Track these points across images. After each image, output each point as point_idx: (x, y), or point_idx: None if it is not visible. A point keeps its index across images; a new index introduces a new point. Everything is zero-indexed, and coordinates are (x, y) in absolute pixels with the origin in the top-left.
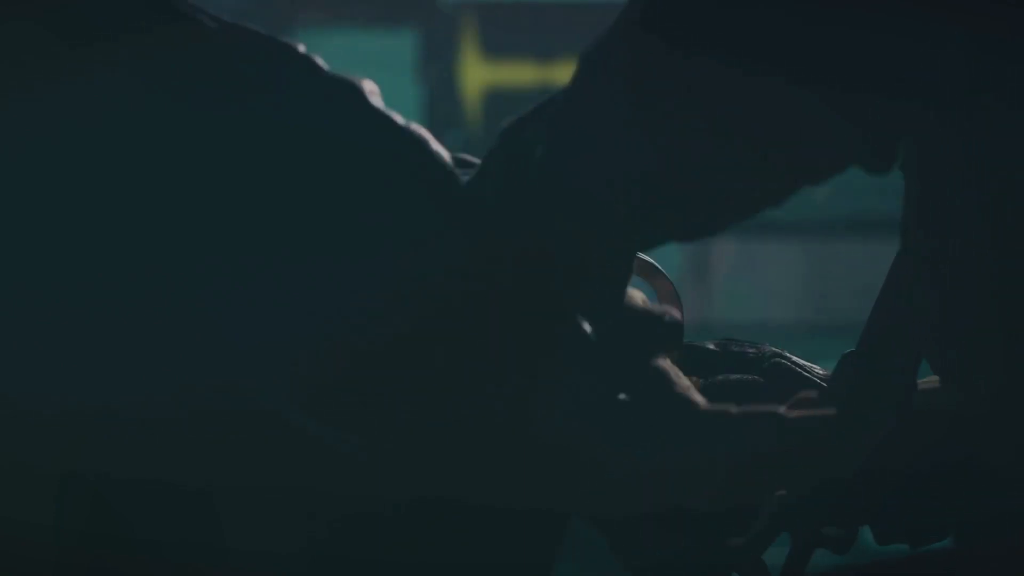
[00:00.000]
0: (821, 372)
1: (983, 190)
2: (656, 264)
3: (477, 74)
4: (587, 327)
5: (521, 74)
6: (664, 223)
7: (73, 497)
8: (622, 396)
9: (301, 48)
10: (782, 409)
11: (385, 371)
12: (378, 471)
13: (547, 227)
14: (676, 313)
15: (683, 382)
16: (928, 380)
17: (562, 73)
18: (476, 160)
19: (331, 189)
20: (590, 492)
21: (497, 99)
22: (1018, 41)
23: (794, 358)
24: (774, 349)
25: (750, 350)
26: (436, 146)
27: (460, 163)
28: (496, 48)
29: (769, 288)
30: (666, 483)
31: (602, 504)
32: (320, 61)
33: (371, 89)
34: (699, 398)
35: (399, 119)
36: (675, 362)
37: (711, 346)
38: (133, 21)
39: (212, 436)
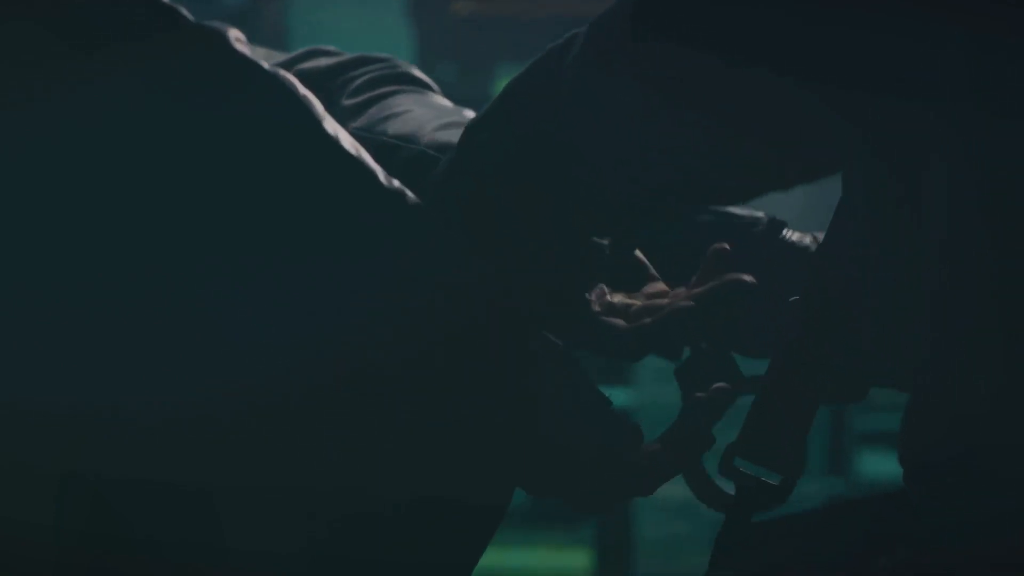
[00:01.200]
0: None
1: (983, 190)
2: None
3: (468, 7)
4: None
5: (512, 7)
6: (664, 203)
7: (73, 497)
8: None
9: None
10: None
11: (374, 372)
12: (376, 470)
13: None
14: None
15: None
16: None
17: (552, 6)
18: (380, 56)
19: (193, 141)
20: (590, 489)
21: (488, 32)
22: (1018, 41)
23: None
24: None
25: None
26: (304, 91)
27: (364, 61)
28: None
29: (769, 211)
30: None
31: (603, 497)
32: (183, 11)
33: (236, 36)
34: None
35: (265, 66)
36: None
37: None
38: None
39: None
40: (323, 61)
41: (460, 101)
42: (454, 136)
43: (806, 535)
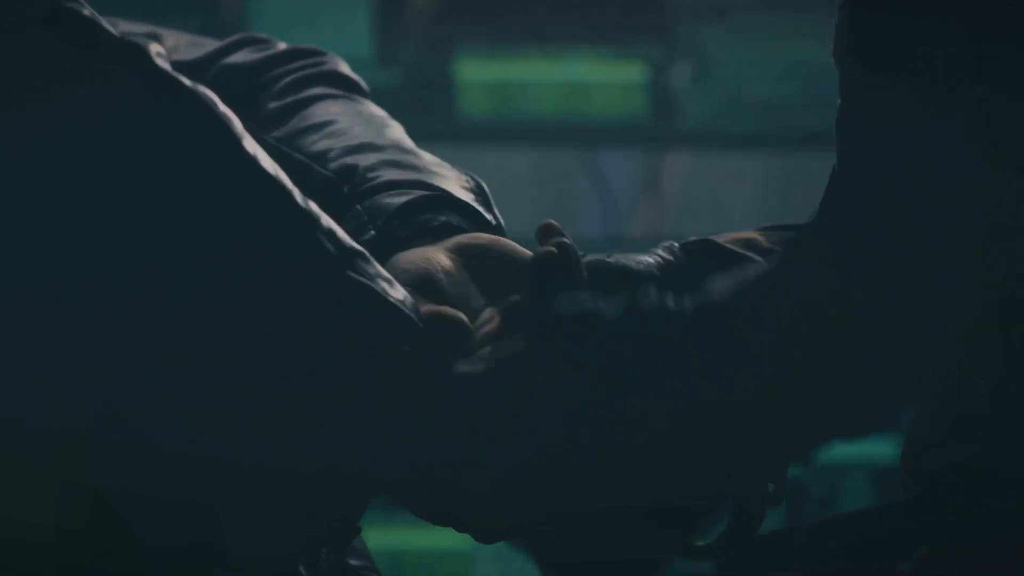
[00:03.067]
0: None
1: (983, 190)
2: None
3: None
4: None
5: None
6: None
7: (73, 497)
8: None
9: (86, 12)
10: None
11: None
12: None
13: None
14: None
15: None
16: None
17: None
18: (311, 49)
19: (114, 158)
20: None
21: (450, 12)
22: (1018, 39)
23: None
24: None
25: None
26: (224, 108)
27: (292, 55)
28: None
29: (725, 203)
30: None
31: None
32: (106, 24)
33: (157, 51)
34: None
35: (186, 82)
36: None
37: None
38: None
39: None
40: (250, 56)
41: (421, 82)
42: (363, 160)
43: (811, 543)
